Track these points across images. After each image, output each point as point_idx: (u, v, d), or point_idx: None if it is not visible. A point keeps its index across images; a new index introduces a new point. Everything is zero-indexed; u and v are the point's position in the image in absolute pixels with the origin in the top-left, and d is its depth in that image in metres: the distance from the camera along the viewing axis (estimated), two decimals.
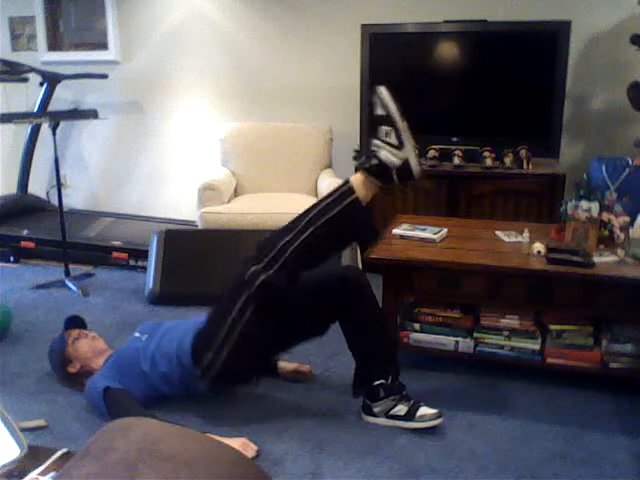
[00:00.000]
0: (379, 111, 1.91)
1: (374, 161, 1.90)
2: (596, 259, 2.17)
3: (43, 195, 4.59)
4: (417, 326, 2.39)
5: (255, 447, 1.88)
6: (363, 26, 3.53)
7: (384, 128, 1.91)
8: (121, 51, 4.41)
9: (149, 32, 4.32)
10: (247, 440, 1.89)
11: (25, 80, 4.18)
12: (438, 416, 2.00)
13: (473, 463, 1.85)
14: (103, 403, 2.00)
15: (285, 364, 2.36)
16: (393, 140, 1.88)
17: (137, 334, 2.24)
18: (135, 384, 2.06)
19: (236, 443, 1.84)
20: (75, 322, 2.40)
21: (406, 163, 1.88)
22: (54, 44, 4.57)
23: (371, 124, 1.88)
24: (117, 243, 3.73)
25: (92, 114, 3.53)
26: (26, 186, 4.41)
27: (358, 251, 3.21)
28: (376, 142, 1.91)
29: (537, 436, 1.99)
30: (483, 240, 2.45)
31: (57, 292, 3.30)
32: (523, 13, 3.52)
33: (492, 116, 3.50)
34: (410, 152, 1.88)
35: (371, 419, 2.05)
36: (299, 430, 2.01)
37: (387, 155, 1.88)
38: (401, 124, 1.89)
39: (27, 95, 4.38)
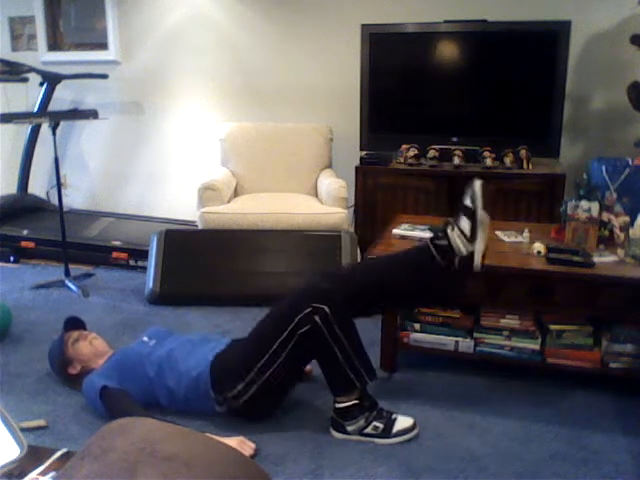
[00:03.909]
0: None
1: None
2: (596, 259, 2.17)
3: (43, 195, 4.60)
4: (417, 326, 2.39)
5: (252, 445, 1.88)
6: (363, 26, 3.52)
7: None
8: (121, 51, 4.41)
9: (149, 32, 4.32)
10: (244, 439, 1.89)
11: (25, 80, 4.18)
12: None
13: (473, 463, 1.85)
14: (100, 402, 2.00)
15: None
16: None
17: (145, 338, 2.24)
18: (134, 387, 2.06)
19: (233, 442, 1.84)
20: (74, 323, 2.40)
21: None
22: (54, 44, 4.58)
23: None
24: (117, 243, 3.73)
25: (92, 114, 3.53)
26: (26, 186, 4.41)
27: (358, 250, 3.21)
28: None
29: (537, 436, 1.99)
30: None
31: (57, 292, 3.30)
32: (523, 13, 3.52)
33: (492, 116, 3.50)
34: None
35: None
36: (299, 430, 2.01)
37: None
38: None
39: (27, 95, 4.38)
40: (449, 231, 2.01)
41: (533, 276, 2.17)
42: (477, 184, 2.00)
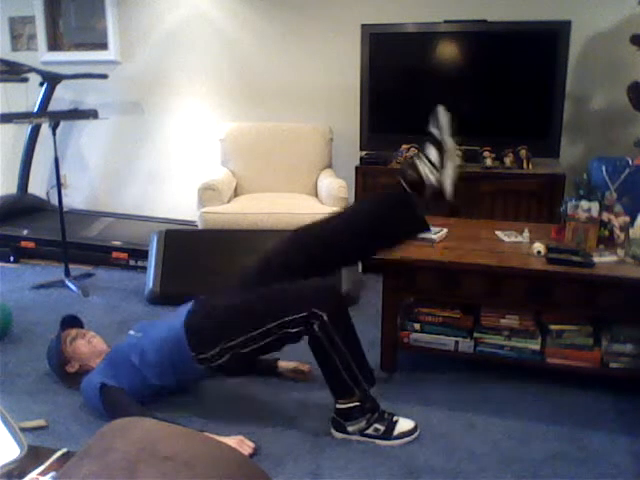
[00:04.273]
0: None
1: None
2: (596, 259, 2.17)
3: (43, 195, 4.59)
4: (417, 326, 2.39)
5: (252, 445, 1.88)
6: (363, 26, 3.53)
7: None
8: (121, 51, 4.41)
9: (149, 32, 4.32)
10: (244, 438, 1.89)
11: (25, 80, 4.18)
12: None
13: (473, 463, 1.85)
14: (100, 400, 2.00)
15: (285, 363, 2.35)
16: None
17: (132, 332, 2.24)
18: (127, 378, 2.06)
19: (232, 441, 1.85)
20: (72, 322, 2.40)
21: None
22: (54, 44, 4.58)
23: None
24: (117, 243, 3.73)
25: (92, 114, 3.53)
26: (26, 186, 4.41)
27: None
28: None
29: (537, 436, 1.99)
30: (483, 240, 2.45)
31: (57, 292, 3.30)
32: (523, 13, 3.52)
33: (492, 116, 3.50)
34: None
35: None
36: (299, 430, 2.01)
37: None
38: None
39: (27, 95, 4.38)
40: (417, 161, 1.94)
41: (533, 276, 2.17)
42: (441, 110, 1.94)
